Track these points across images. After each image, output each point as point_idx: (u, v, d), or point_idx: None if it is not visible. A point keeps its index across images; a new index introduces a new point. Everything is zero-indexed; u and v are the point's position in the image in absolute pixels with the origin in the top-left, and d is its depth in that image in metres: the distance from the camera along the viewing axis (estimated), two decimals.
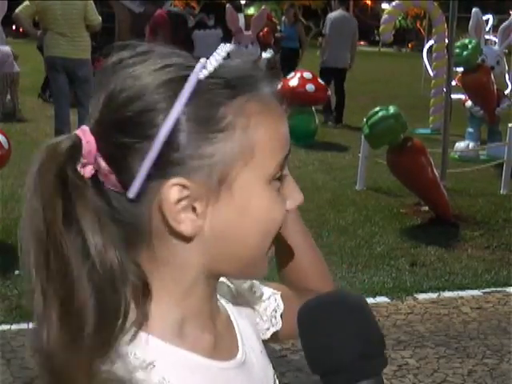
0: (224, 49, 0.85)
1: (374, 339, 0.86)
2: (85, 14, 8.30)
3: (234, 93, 0.84)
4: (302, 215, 1.19)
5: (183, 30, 11.37)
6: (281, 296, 1.11)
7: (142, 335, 0.86)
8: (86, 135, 0.84)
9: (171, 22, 10.92)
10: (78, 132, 0.85)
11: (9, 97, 12.72)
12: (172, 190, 0.82)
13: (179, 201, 0.83)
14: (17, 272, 4.82)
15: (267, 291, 1.10)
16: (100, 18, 8.62)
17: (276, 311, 1.10)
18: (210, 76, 0.83)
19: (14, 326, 4.08)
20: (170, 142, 0.82)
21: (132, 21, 11.97)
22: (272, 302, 1.10)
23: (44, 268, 0.81)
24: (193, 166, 0.82)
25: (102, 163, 0.84)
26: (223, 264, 0.90)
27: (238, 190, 0.85)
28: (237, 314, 1.04)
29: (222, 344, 0.96)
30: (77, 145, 0.84)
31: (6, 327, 4.09)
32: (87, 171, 0.84)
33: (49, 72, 8.37)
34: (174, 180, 0.82)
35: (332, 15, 13.00)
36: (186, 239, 0.86)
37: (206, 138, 0.82)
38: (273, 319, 1.09)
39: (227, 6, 11.60)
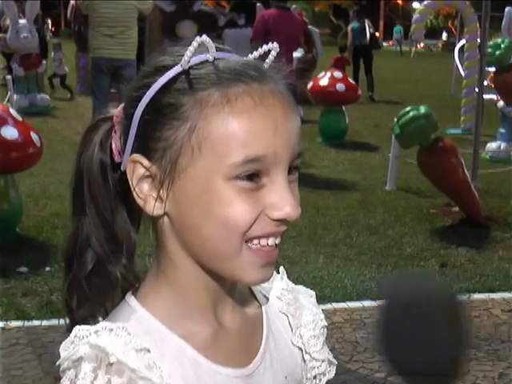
0: (197, 41, 0.88)
1: (466, 341, 0.81)
2: (138, 11, 8.27)
3: (201, 85, 0.87)
4: (333, 215, 1.18)
5: (213, 29, 11.40)
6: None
7: (145, 315, 0.92)
8: (118, 109, 0.96)
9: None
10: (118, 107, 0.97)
11: (45, 95, 12.86)
12: (135, 166, 0.90)
13: (141, 178, 0.90)
14: (48, 268, 4.87)
15: (322, 355, 1.08)
16: (151, 2, 8.57)
17: (324, 375, 1.09)
18: (190, 67, 0.88)
19: (45, 322, 4.12)
20: (141, 122, 0.89)
21: (163, 19, 12.02)
22: (324, 366, 1.08)
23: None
24: (151, 146, 0.88)
25: (116, 135, 0.95)
26: (197, 254, 0.91)
27: (189, 179, 0.87)
28: (285, 334, 1.05)
29: (226, 346, 0.96)
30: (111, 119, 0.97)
31: (37, 323, 4.13)
32: (114, 138, 0.95)
33: (93, 71, 8.39)
34: (136, 156, 0.90)
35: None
36: (159, 222, 0.92)
37: (163, 122, 0.87)
38: (316, 380, 1.09)
39: (257, 5, 11.61)
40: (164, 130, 0.87)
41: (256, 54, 0.94)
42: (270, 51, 0.94)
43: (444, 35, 56.02)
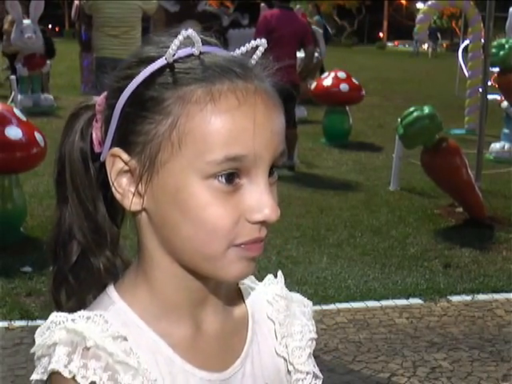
0: (183, 34, 0.85)
1: None
2: (142, 11, 8.23)
3: (185, 80, 0.84)
4: (336, 215, 1.17)
5: (217, 29, 11.39)
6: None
7: (124, 308, 0.91)
8: (100, 98, 0.93)
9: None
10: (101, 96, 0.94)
11: (49, 95, 12.84)
12: (115, 159, 0.88)
13: (120, 172, 0.88)
14: (51, 268, 4.87)
15: (306, 367, 1.04)
16: (155, 2, 8.56)
17: None
18: (175, 60, 0.86)
19: None
20: (123, 114, 0.87)
21: (167, 20, 12.04)
22: (309, 379, 1.05)
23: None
24: (131, 140, 0.86)
25: (97, 124, 0.92)
26: (177, 253, 0.89)
27: (167, 176, 0.85)
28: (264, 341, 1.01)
29: (203, 349, 0.94)
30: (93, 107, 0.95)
31: (41, 322, 4.10)
32: (95, 128, 0.93)
33: (96, 71, 8.36)
34: (116, 150, 0.88)
35: None
36: (138, 218, 0.91)
37: (145, 116, 0.85)
38: None
39: (261, 5, 11.62)
40: (145, 124, 0.85)
41: (243, 49, 0.92)
42: (257, 47, 0.92)
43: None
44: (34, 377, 0.85)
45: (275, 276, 1.08)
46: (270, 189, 0.87)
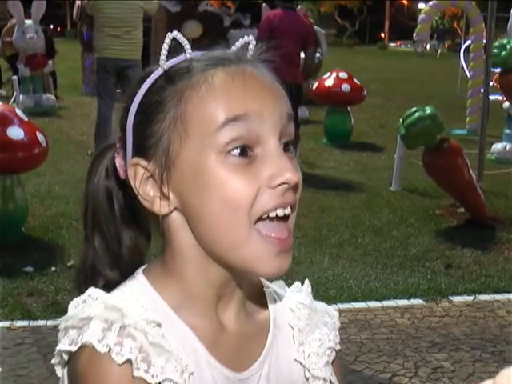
0: (169, 36, 0.91)
1: None
2: (143, 11, 8.23)
3: (180, 76, 0.90)
4: (338, 215, 1.17)
5: (219, 29, 11.41)
6: None
7: (154, 296, 0.92)
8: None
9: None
10: None
11: (51, 96, 12.84)
12: (136, 169, 0.91)
13: (143, 180, 0.90)
14: (53, 268, 4.87)
15: (323, 373, 1.02)
16: (156, 2, 8.57)
17: None
18: (169, 67, 0.91)
19: (50, 322, 4.12)
20: (134, 128, 0.92)
21: (168, 20, 12.04)
22: None
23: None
24: (145, 146, 0.90)
25: (119, 155, 0.97)
26: (207, 245, 0.90)
27: (183, 165, 0.88)
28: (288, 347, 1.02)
29: (223, 345, 0.95)
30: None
31: (42, 323, 4.13)
32: (117, 159, 0.97)
33: (98, 72, 8.35)
34: (134, 159, 0.91)
35: None
36: (167, 219, 0.92)
37: (150, 119, 0.90)
38: None
39: (263, 5, 11.62)
40: (152, 126, 0.89)
41: (233, 48, 0.95)
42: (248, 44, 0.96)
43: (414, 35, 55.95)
44: (62, 347, 0.86)
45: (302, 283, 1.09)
46: (290, 161, 0.89)
